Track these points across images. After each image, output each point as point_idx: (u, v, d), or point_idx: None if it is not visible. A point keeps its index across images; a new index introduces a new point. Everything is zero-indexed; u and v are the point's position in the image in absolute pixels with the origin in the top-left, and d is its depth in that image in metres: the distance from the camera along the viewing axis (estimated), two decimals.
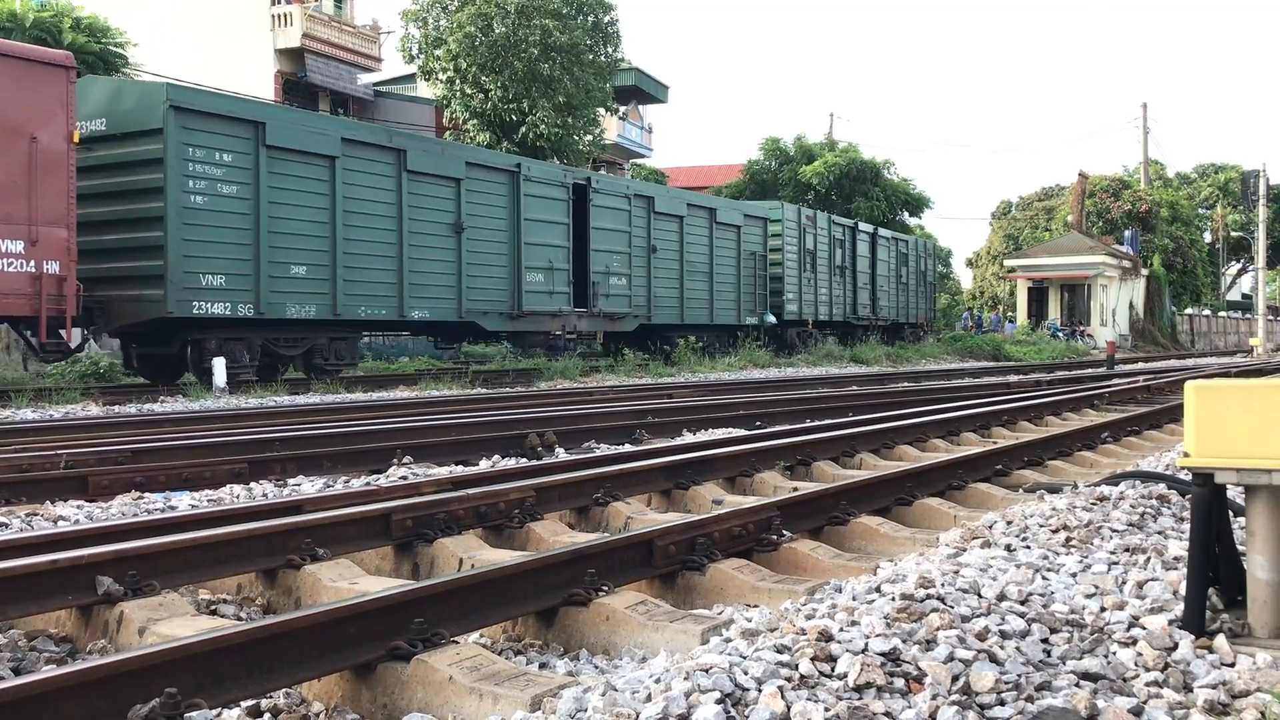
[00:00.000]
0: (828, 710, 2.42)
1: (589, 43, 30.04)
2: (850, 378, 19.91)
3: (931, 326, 41.36)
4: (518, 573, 3.80)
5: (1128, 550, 4.00)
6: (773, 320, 28.63)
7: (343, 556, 4.49)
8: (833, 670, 2.64)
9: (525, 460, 7.87)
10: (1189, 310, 64.34)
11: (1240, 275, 79.09)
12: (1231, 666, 2.85)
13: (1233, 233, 68.89)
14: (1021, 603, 3.29)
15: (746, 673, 2.56)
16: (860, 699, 2.52)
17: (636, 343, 24.37)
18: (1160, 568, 3.72)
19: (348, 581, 4.15)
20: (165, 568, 4.00)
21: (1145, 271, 55.38)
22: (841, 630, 2.86)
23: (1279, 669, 2.79)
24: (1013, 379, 19.06)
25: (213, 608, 4.23)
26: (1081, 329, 47.70)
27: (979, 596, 3.31)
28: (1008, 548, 4.10)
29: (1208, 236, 68.74)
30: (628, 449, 8.49)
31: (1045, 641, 3.00)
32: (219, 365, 14.63)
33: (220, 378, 14.50)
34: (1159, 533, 4.38)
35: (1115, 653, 2.94)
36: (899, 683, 2.62)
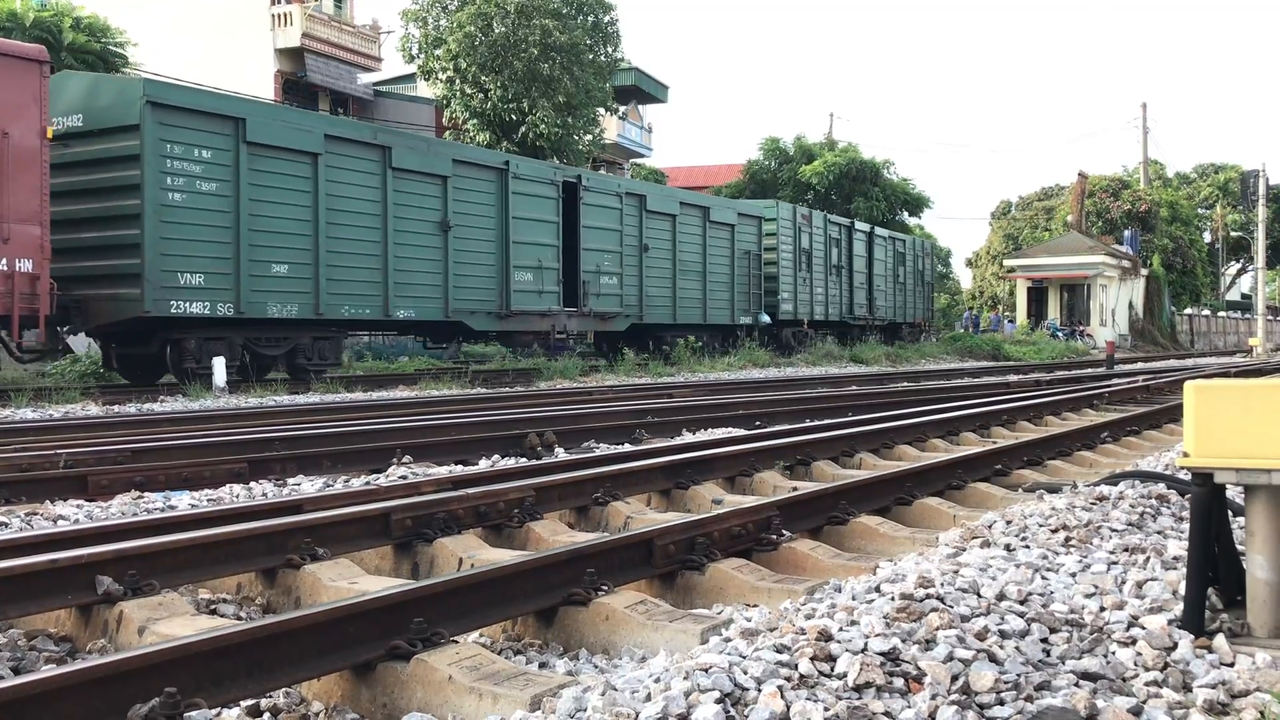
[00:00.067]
0: (827, 710, 2.42)
1: (589, 42, 30.05)
2: (849, 377, 19.92)
3: (930, 326, 41.23)
4: (517, 572, 3.80)
5: (1127, 550, 4.00)
6: (767, 320, 28.41)
7: (342, 556, 4.49)
8: (832, 670, 2.64)
9: (525, 460, 7.88)
10: (1188, 310, 64.35)
11: (1240, 275, 79.17)
12: (1231, 666, 2.86)
13: (1232, 233, 68.98)
14: (1021, 602, 3.29)
15: (746, 672, 2.56)
16: (860, 699, 2.52)
17: (628, 343, 24.06)
18: (1160, 567, 3.72)
19: (347, 581, 4.15)
20: (165, 567, 4.00)
21: (1145, 271, 55.39)
22: (841, 630, 2.87)
23: (1278, 669, 2.79)
24: (1012, 379, 19.06)
25: (212, 607, 4.23)
26: (1081, 329, 47.70)
27: (978, 596, 3.32)
28: (1007, 547, 4.10)
29: (1207, 236, 68.81)
30: (627, 449, 8.49)
31: (1044, 641, 3.00)
32: (219, 365, 14.59)
33: (220, 377, 14.47)
34: (1158, 532, 4.39)
35: (1114, 652, 2.94)
36: (898, 682, 2.62)
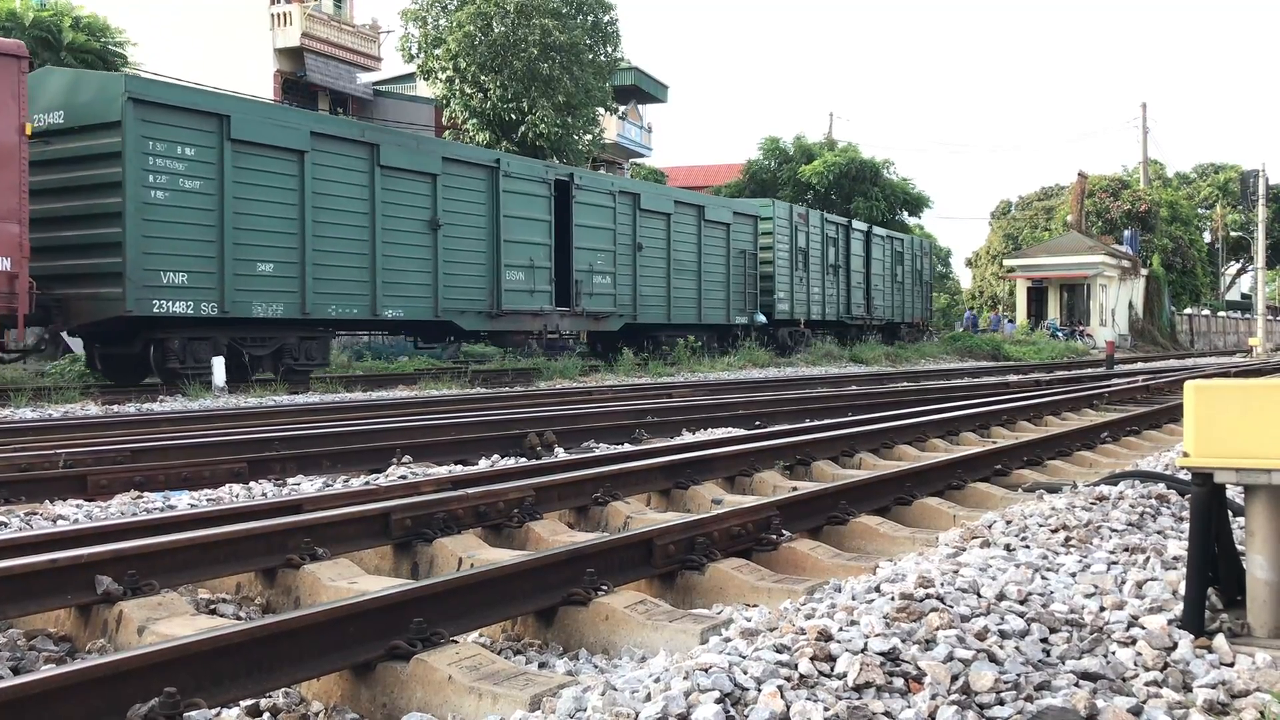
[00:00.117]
0: (827, 710, 2.42)
1: (588, 42, 30.07)
2: (849, 377, 19.91)
3: (928, 326, 41.14)
4: (517, 572, 3.80)
5: (1127, 550, 4.00)
6: (763, 320, 28.18)
7: (342, 556, 4.49)
8: (832, 670, 2.64)
9: (524, 460, 7.87)
10: (1188, 310, 64.35)
11: (1239, 275, 79.17)
12: (1231, 666, 2.86)
13: (1232, 233, 68.98)
14: (1021, 602, 3.29)
15: (746, 672, 2.56)
16: (859, 698, 2.52)
17: (623, 343, 23.76)
18: (1159, 567, 3.72)
19: (347, 581, 4.15)
20: (164, 567, 4.00)
21: (1144, 271, 55.38)
22: (841, 630, 2.86)
23: (1278, 669, 2.79)
24: (1012, 379, 19.06)
25: (212, 607, 4.23)
26: (1081, 329, 47.70)
27: (978, 596, 3.31)
28: (1007, 547, 4.10)
29: (1207, 236, 68.82)
30: (627, 448, 8.49)
31: (1044, 641, 3.00)
32: (218, 365, 14.57)
33: (219, 377, 14.46)
34: (1158, 532, 4.38)
35: (1114, 652, 2.94)
36: (898, 682, 2.62)
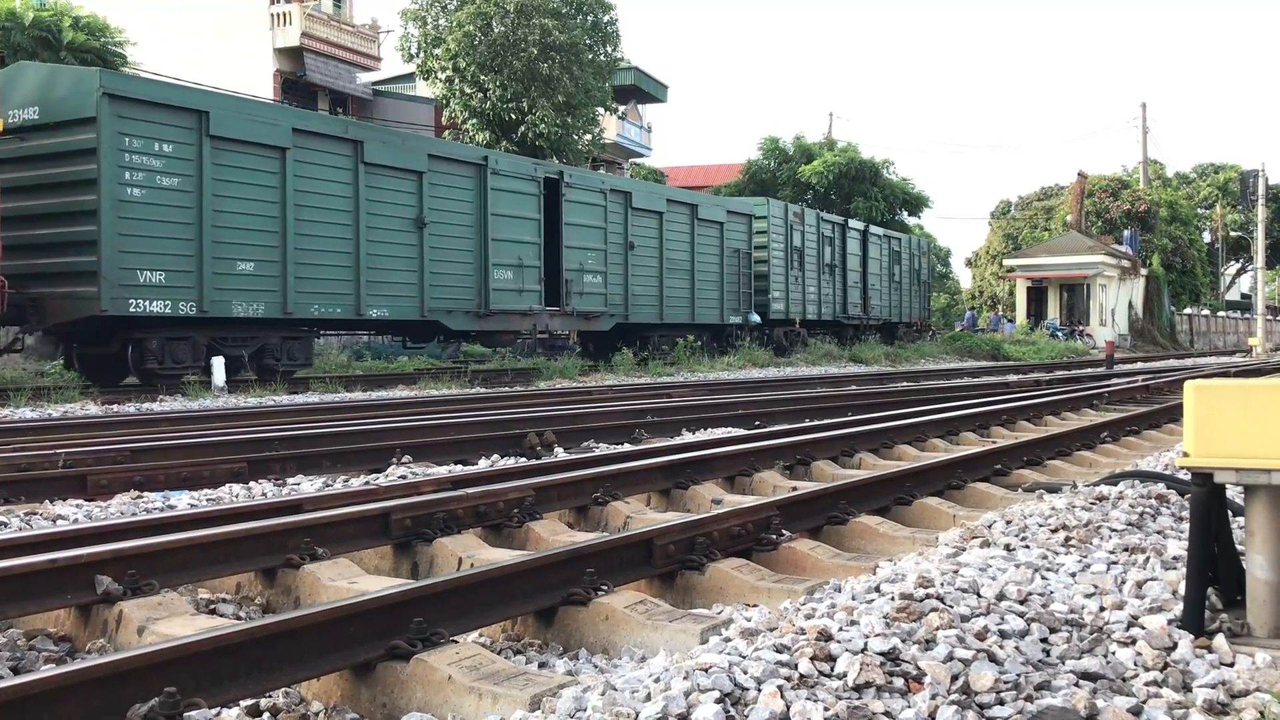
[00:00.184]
0: (827, 710, 2.42)
1: (588, 42, 30.08)
2: (849, 377, 19.91)
3: (926, 326, 41.04)
4: (517, 572, 3.80)
5: (1127, 550, 4.00)
6: (757, 320, 27.89)
7: (342, 556, 4.49)
8: (832, 670, 2.64)
9: (524, 460, 7.87)
10: (1188, 310, 64.35)
11: (1239, 275, 79.17)
12: (1231, 666, 2.86)
13: (1232, 233, 68.98)
14: (1021, 602, 3.29)
15: (746, 672, 2.56)
16: (859, 698, 2.52)
17: (614, 343, 23.45)
18: (1159, 567, 3.72)
19: (347, 581, 4.15)
20: (164, 567, 3.99)
21: (1144, 271, 55.38)
22: (841, 630, 2.86)
23: (1278, 669, 2.79)
24: (1012, 379, 19.06)
25: (212, 607, 4.23)
26: (1080, 329, 47.70)
27: (978, 596, 3.31)
28: (1007, 547, 4.10)
29: (1207, 236, 68.82)
30: (627, 448, 8.49)
31: (1044, 641, 3.00)
32: (218, 364, 14.56)
33: (219, 377, 14.44)
34: (1158, 532, 4.39)
35: (1114, 652, 2.94)
36: (898, 682, 2.62)
